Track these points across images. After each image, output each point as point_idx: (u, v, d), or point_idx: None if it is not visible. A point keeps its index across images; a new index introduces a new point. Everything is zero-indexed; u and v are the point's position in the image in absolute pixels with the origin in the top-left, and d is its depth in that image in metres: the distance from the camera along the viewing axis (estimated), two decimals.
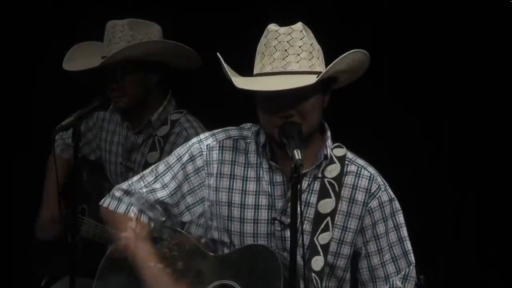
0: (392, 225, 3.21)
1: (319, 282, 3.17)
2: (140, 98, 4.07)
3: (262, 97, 3.11)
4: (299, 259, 3.00)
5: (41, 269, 4.48)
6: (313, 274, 3.16)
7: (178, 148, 3.31)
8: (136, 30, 4.03)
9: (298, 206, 2.91)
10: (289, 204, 3.10)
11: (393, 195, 3.22)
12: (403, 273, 3.20)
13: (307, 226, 3.17)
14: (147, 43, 4.01)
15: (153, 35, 4.07)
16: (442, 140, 4.74)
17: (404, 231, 3.23)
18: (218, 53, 3.11)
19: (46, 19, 5.06)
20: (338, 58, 3.06)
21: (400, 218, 3.22)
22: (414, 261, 3.23)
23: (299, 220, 2.98)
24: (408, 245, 3.23)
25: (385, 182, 3.23)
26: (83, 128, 4.18)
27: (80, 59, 4.12)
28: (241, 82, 3.12)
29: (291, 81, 3.04)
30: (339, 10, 4.66)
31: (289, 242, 3.09)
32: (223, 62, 3.12)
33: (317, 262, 3.16)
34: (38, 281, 4.43)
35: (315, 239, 3.16)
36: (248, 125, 3.31)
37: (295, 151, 2.93)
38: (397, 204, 3.23)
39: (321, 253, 3.16)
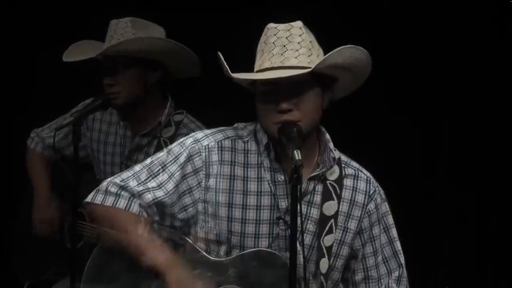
0: (384, 226, 3.24)
1: (325, 284, 3.14)
2: (137, 96, 4.02)
3: (261, 92, 3.06)
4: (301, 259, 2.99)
5: (22, 273, 4.40)
6: (321, 277, 3.13)
7: (171, 147, 3.20)
8: (138, 29, 4.00)
9: (298, 207, 2.89)
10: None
11: (384, 196, 3.25)
12: (396, 274, 3.24)
13: (310, 226, 3.15)
14: (148, 38, 3.97)
15: (154, 35, 4.04)
16: (442, 142, 4.77)
17: (394, 232, 3.26)
18: (218, 52, 3.05)
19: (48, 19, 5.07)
20: (333, 50, 3.02)
21: (390, 219, 3.26)
22: (404, 262, 3.26)
23: (299, 220, 2.95)
24: (398, 245, 3.26)
25: (378, 184, 3.25)
26: (65, 131, 4.16)
27: (79, 54, 4.07)
28: (238, 74, 3.07)
29: (288, 72, 3.00)
30: (340, 12, 4.69)
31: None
32: (222, 59, 3.05)
33: (324, 265, 3.14)
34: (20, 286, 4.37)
35: (321, 241, 3.14)
36: (241, 124, 3.25)
37: (295, 151, 2.90)
38: (387, 206, 3.26)
39: (326, 255, 3.14)
